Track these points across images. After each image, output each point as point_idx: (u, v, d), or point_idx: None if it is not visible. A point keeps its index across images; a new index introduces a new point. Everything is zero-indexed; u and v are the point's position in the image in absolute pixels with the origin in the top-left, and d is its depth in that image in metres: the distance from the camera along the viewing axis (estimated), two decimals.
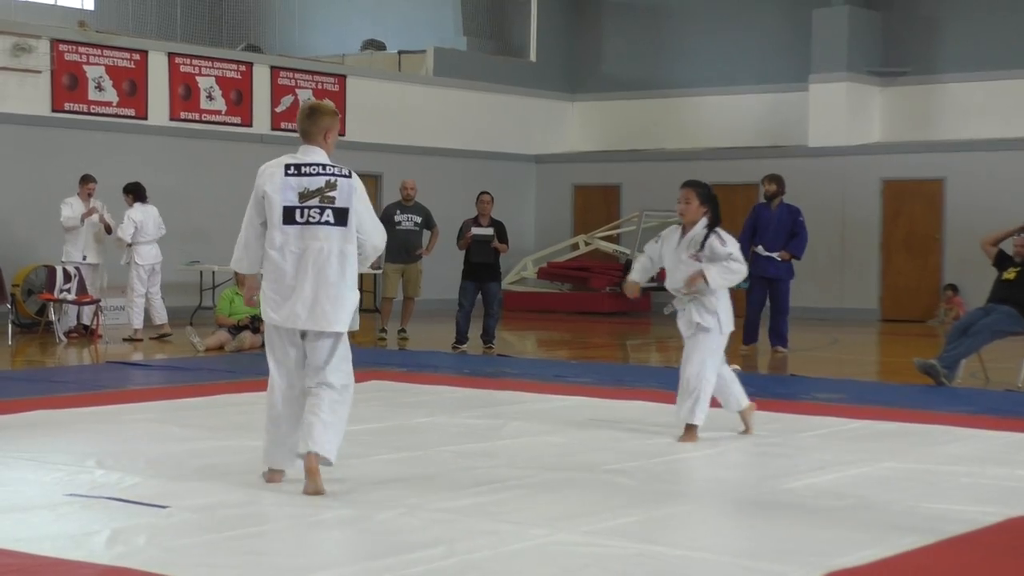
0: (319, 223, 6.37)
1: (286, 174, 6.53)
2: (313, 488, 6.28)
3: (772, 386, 11.58)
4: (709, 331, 8.04)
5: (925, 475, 7.09)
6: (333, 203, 6.40)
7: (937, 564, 5.26)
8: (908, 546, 5.41)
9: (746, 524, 5.80)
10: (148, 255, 15.40)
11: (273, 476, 6.62)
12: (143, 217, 15.32)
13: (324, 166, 6.52)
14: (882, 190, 20.26)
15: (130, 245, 15.28)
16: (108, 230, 15.57)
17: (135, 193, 15.47)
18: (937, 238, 19.84)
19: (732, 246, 8.01)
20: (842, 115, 20.54)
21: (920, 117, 20.69)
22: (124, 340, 15.06)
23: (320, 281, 6.34)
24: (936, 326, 18.59)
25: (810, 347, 15.47)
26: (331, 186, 6.43)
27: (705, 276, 7.93)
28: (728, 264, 7.94)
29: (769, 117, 21.68)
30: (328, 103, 6.80)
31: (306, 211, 6.40)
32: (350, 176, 6.51)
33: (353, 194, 6.44)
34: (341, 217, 6.39)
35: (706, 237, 7.98)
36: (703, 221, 8.05)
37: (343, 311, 6.38)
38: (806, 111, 20.82)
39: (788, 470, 7.14)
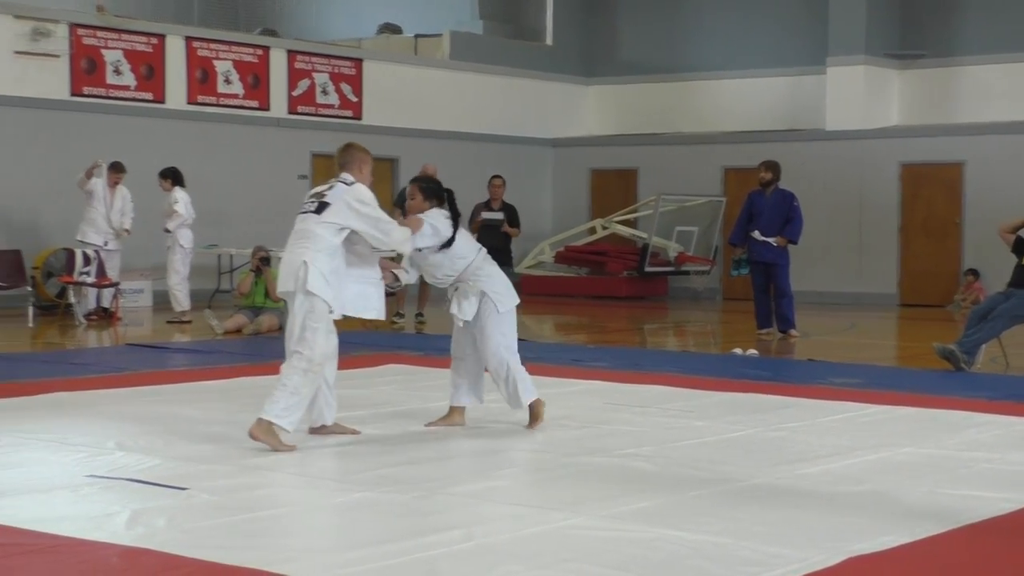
0: (306, 212, 7.39)
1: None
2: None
3: (789, 371, 11.57)
4: (466, 321, 7.68)
5: (944, 461, 7.07)
6: (322, 198, 7.36)
7: (957, 551, 5.25)
8: (927, 532, 5.40)
9: (764, 509, 5.79)
10: (191, 238, 15.58)
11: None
12: (189, 200, 15.50)
13: (339, 180, 7.47)
14: (900, 174, 20.18)
15: (169, 231, 15.44)
16: (126, 232, 15.78)
17: (174, 178, 15.58)
18: (957, 222, 19.76)
19: (432, 223, 7.56)
20: (860, 98, 20.46)
21: (939, 100, 20.59)
22: (170, 322, 15.14)
23: (288, 250, 7.36)
24: (954, 311, 18.53)
25: (828, 332, 15.44)
26: (329, 188, 7.42)
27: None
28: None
29: (786, 100, 21.61)
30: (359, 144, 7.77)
31: (305, 205, 7.46)
32: (350, 184, 7.38)
33: (340, 194, 7.31)
34: (320, 208, 7.31)
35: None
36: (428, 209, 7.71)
37: (289, 274, 7.24)
38: (823, 94, 20.73)
39: (806, 455, 7.13)
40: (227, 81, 18.89)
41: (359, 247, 7.42)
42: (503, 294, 7.78)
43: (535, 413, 7.85)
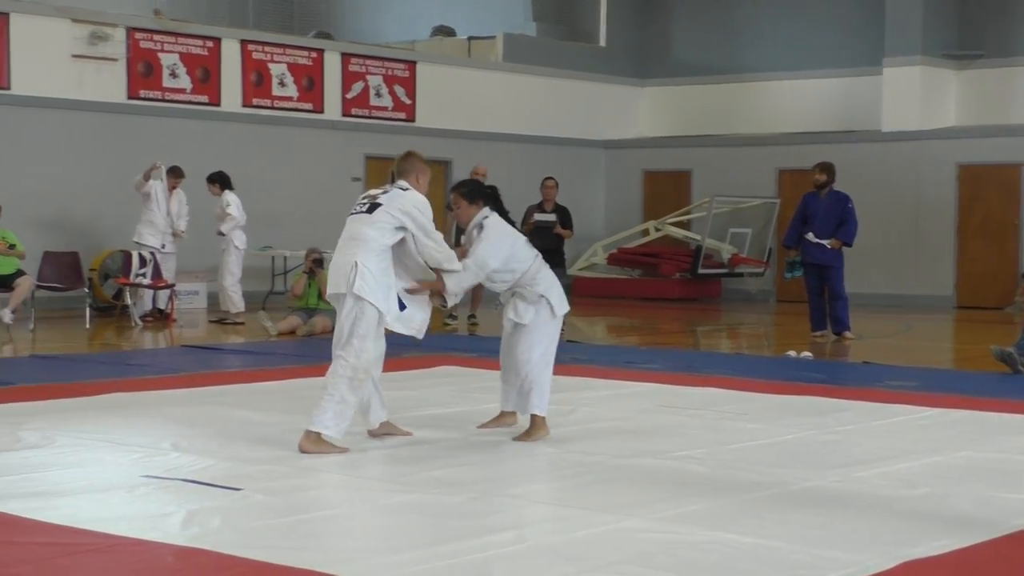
0: (357, 213, 7.30)
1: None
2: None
3: (844, 373, 11.49)
4: (524, 325, 7.58)
5: (1001, 465, 6.99)
6: (375, 200, 7.28)
7: (1013, 556, 5.19)
8: (983, 537, 5.35)
9: (818, 512, 5.76)
10: (244, 239, 15.72)
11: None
12: (239, 202, 15.61)
13: (395, 186, 7.38)
14: (958, 175, 19.98)
15: (221, 234, 15.57)
16: (182, 234, 15.93)
17: (221, 181, 15.71)
18: (1015, 223, 19.54)
19: (484, 246, 7.41)
20: (916, 99, 20.27)
21: (997, 100, 20.37)
22: (224, 323, 15.25)
23: (338, 252, 7.27)
24: (1013, 313, 18.32)
25: (883, 334, 15.32)
26: (384, 192, 7.32)
27: (443, 291, 7.40)
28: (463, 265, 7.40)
29: (842, 101, 21.45)
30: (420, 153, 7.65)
31: (356, 207, 7.39)
32: (406, 190, 7.30)
33: (396, 197, 7.22)
34: (372, 208, 7.22)
35: (481, 229, 7.55)
36: (482, 213, 7.62)
37: (340, 276, 7.13)
38: (880, 95, 20.56)
39: (860, 458, 7.08)
40: (282, 84, 19.02)
41: (408, 262, 7.32)
42: (559, 299, 7.75)
43: (534, 426, 7.63)
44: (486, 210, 7.65)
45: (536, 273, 7.64)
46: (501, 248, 7.51)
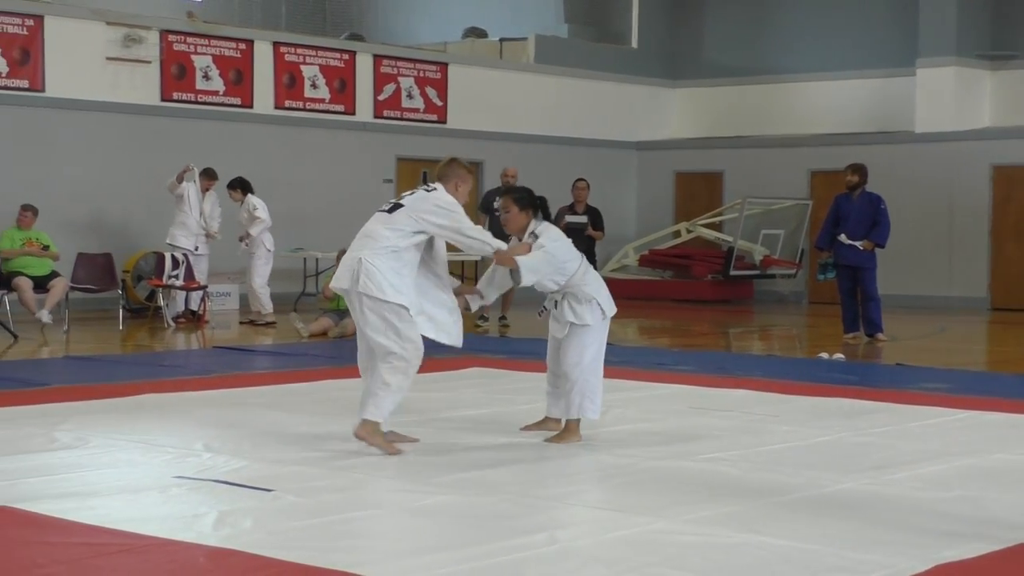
0: (379, 212, 7.30)
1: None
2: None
3: (876, 375, 11.43)
4: (585, 326, 7.54)
5: None
6: (399, 201, 7.26)
7: None
8: (1017, 540, 5.31)
9: (851, 515, 5.73)
10: (272, 240, 15.75)
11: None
12: (265, 205, 15.66)
13: (423, 188, 7.37)
14: (992, 176, 19.85)
15: (244, 238, 15.62)
16: (215, 235, 16.00)
17: (243, 186, 15.76)
18: None
19: (549, 241, 7.43)
20: (950, 100, 20.15)
21: None
22: (256, 324, 15.30)
23: (350, 248, 7.28)
24: None
25: (917, 336, 15.24)
26: (410, 193, 7.29)
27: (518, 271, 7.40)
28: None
29: (875, 102, 21.34)
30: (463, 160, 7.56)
31: (382, 207, 7.38)
32: (431, 190, 7.24)
33: (419, 200, 7.16)
34: (393, 208, 7.20)
35: (536, 238, 7.51)
36: (532, 224, 7.58)
37: (344, 271, 7.15)
38: (913, 96, 20.45)
39: (893, 460, 7.04)
40: (314, 86, 19.08)
41: (438, 268, 7.31)
42: (608, 300, 7.71)
43: (568, 429, 7.59)
44: (533, 220, 7.62)
45: (584, 274, 7.63)
46: (556, 255, 7.49)
